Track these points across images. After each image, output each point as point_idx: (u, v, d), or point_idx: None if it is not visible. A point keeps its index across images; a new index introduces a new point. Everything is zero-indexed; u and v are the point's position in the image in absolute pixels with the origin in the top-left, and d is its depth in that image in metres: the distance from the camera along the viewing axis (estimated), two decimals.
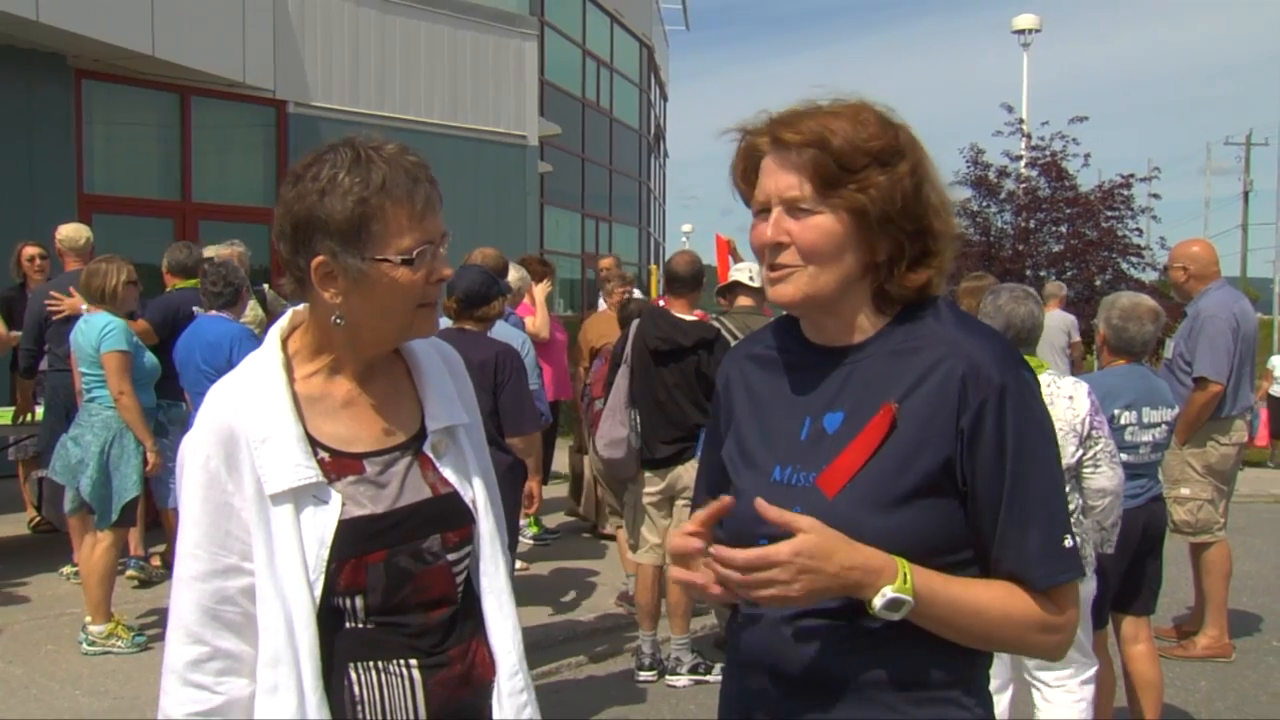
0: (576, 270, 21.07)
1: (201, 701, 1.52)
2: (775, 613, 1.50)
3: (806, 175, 1.46)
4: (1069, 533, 1.46)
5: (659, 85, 28.94)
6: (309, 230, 1.52)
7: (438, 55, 13.18)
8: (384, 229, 1.51)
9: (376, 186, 1.50)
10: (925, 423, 1.44)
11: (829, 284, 1.48)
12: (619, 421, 5.08)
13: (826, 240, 1.46)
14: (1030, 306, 3.58)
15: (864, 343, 1.53)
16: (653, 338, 5.01)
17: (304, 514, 1.52)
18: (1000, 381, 1.44)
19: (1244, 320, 5.46)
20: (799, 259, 1.48)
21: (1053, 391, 3.44)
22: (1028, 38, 19.70)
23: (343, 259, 1.51)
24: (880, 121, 1.48)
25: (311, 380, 1.61)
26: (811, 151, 1.45)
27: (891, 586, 1.36)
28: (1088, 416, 3.48)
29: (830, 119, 1.47)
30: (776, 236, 1.48)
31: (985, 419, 1.43)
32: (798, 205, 1.47)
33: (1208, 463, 5.41)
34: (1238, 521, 7.20)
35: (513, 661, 1.66)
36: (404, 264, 1.52)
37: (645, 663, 5.15)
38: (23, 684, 4.80)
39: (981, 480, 1.44)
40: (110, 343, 5.15)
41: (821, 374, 1.54)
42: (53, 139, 9.62)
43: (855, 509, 1.39)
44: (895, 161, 1.47)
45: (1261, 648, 5.77)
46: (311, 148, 1.57)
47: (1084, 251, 15.13)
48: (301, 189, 1.52)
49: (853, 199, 1.45)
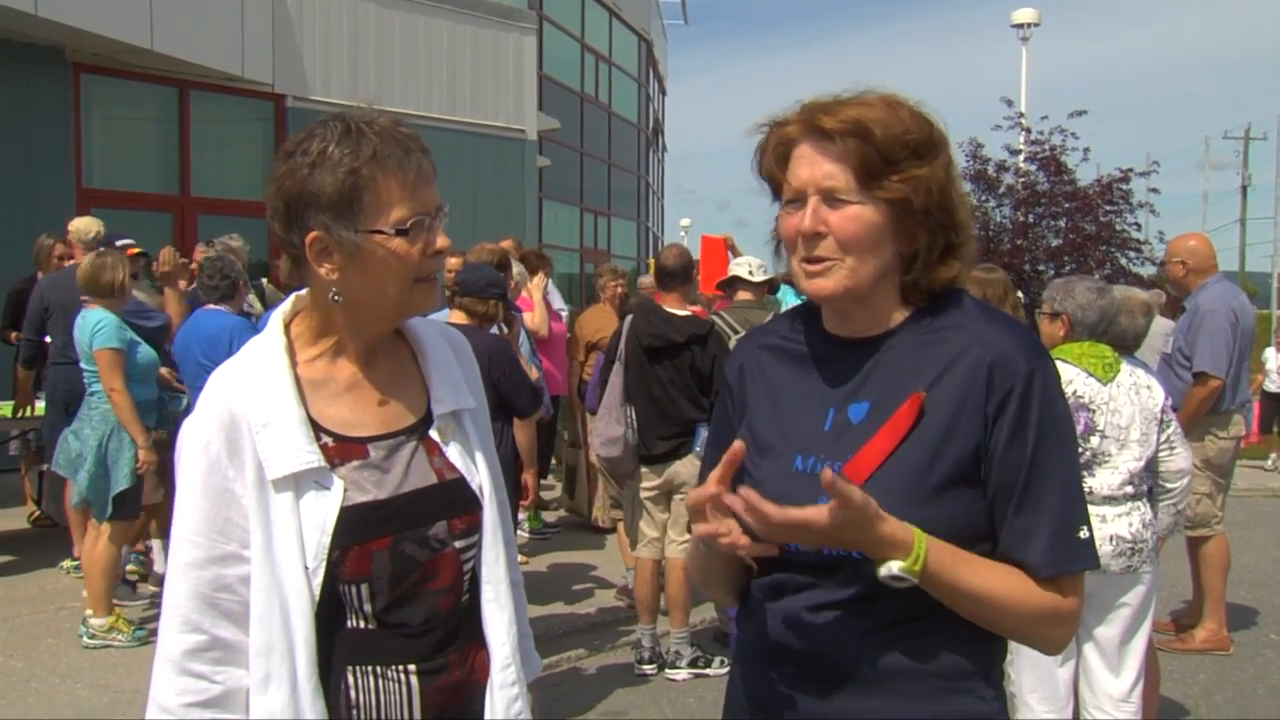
0: (575, 265, 21.06)
1: (199, 691, 1.48)
2: (794, 602, 1.50)
3: (849, 165, 1.44)
4: (1086, 524, 1.46)
5: (658, 80, 28.89)
6: (301, 206, 1.49)
7: (436, 49, 13.17)
8: (376, 200, 1.48)
9: (367, 157, 1.47)
10: (954, 411, 1.44)
11: (867, 277, 1.47)
12: (615, 419, 5.08)
13: (867, 232, 1.45)
14: (1113, 298, 3.67)
15: (889, 333, 1.52)
16: (645, 334, 5.01)
17: (305, 500, 1.49)
18: (1028, 369, 1.44)
19: (1243, 314, 5.47)
20: (837, 251, 1.46)
21: (1135, 380, 3.52)
22: (1027, 31, 19.66)
23: (336, 232, 1.48)
24: (914, 114, 1.48)
25: (314, 364, 1.58)
26: (854, 141, 1.43)
27: (900, 564, 1.37)
28: (1165, 403, 3.57)
29: (868, 108, 1.45)
30: (814, 226, 1.45)
31: (1011, 404, 1.43)
32: (836, 195, 1.45)
33: (1206, 457, 5.42)
34: (1235, 515, 7.22)
35: (505, 654, 1.63)
36: (399, 235, 1.49)
37: (645, 656, 5.16)
38: (23, 678, 4.80)
39: (1003, 465, 1.44)
40: (102, 340, 5.14)
41: (845, 365, 1.53)
42: (51, 133, 9.60)
43: (883, 497, 1.38)
44: (931, 155, 1.47)
45: (1259, 641, 5.78)
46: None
47: (1083, 246, 15.11)
48: (292, 164, 1.50)
49: (895, 190, 1.44)
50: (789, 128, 1.50)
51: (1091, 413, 3.44)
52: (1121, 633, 3.47)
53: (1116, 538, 3.39)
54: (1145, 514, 3.47)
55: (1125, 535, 3.40)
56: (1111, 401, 3.45)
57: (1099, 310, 3.58)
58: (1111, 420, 3.45)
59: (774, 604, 1.53)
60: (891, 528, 1.37)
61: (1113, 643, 3.47)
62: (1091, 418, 3.44)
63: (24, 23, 8.61)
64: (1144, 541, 3.42)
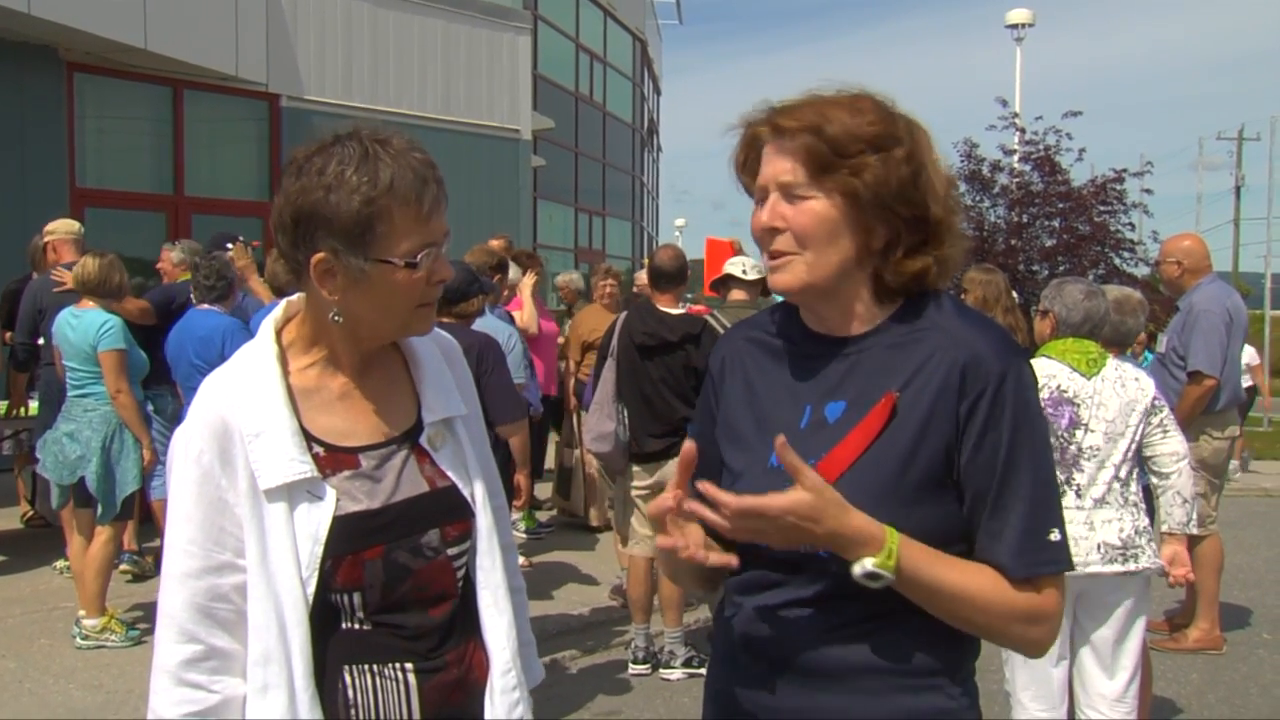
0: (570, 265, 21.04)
1: (197, 701, 1.48)
2: (763, 600, 1.51)
3: (800, 160, 1.47)
4: (1058, 526, 1.46)
5: (652, 79, 28.90)
6: (312, 225, 1.48)
7: (431, 49, 13.15)
8: (389, 230, 1.48)
9: (385, 187, 1.46)
10: (927, 411, 1.44)
11: (826, 271, 1.49)
12: (606, 415, 5.08)
13: (819, 224, 1.47)
14: (1103, 302, 3.66)
15: (867, 333, 1.53)
16: (639, 332, 5.01)
17: (298, 510, 1.49)
18: (1001, 370, 1.45)
19: (1236, 314, 5.48)
20: (794, 245, 1.49)
21: (1121, 374, 3.52)
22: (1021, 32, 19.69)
23: (345, 258, 1.48)
24: (878, 108, 1.50)
25: (307, 373, 1.58)
26: (806, 137, 1.47)
27: (873, 560, 1.37)
28: (1155, 394, 3.56)
29: (829, 107, 1.49)
30: (771, 220, 1.50)
31: (982, 405, 1.44)
32: (792, 190, 1.48)
33: (1200, 457, 5.42)
34: (1229, 515, 7.24)
35: (506, 659, 1.62)
36: (407, 266, 1.49)
37: (639, 656, 5.16)
38: (16, 678, 4.79)
39: (975, 466, 1.44)
40: (109, 341, 5.13)
41: (823, 363, 1.54)
42: (44, 133, 9.57)
43: (854, 495, 1.39)
44: (891, 146, 1.47)
45: (1252, 640, 5.79)
46: (307, 139, 1.53)
47: (1076, 246, 15.14)
48: (306, 182, 1.48)
49: (845, 182, 1.46)
50: (758, 129, 1.54)
51: (1076, 407, 3.46)
52: (1116, 633, 3.47)
53: (1105, 545, 3.38)
54: (1138, 520, 3.46)
55: (1114, 542, 3.39)
56: (1097, 395, 3.46)
57: (1084, 311, 3.59)
58: (1097, 414, 3.45)
59: (745, 600, 1.55)
60: (860, 521, 1.38)
61: (1107, 643, 3.47)
62: (1076, 412, 3.45)
63: (17, 21, 8.58)
64: (1136, 547, 3.41)
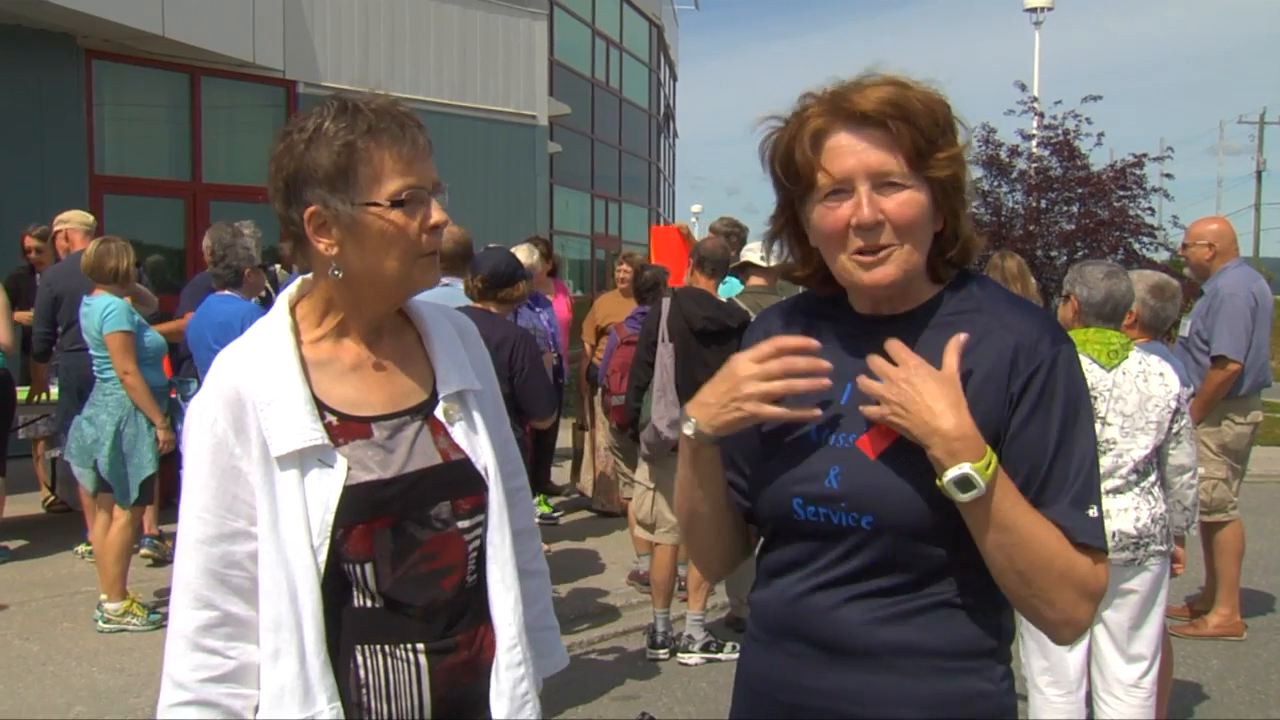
0: (586, 251, 21.04)
1: (213, 666, 1.49)
2: (804, 582, 1.50)
3: (900, 148, 1.42)
4: (1097, 504, 1.45)
5: (669, 65, 28.81)
6: (299, 182, 1.52)
7: (447, 35, 13.14)
8: (371, 172, 1.50)
9: (362, 130, 1.49)
10: (976, 388, 1.43)
11: (919, 261, 1.47)
12: (670, 401, 5.03)
13: (921, 214, 1.44)
14: (1124, 282, 3.57)
15: (913, 311, 1.52)
16: (699, 318, 4.97)
17: (309, 477, 1.50)
18: (1053, 352, 1.44)
19: (1262, 299, 5.43)
20: (894, 237, 1.44)
21: (1144, 368, 3.44)
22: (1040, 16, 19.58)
23: (333, 206, 1.50)
24: (927, 95, 1.46)
25: (319, 344, 1.60)
26: (899, 124, 1.41)
27: (972, 464, 1.35)
28: (1181, 393, 3.48)
29: (895, 90, 1.43)
30: (874, 216, 1.42)
31: (1035, 384, 1.43)
32: (889, 180, 1.42)
33: (1223, 442, 5.39)
34: (1250, 501, 7.19)
35: (512, 635, 1.62)
36: (394, 207, 1.51)
37: (657, 640, 5.16)
38: (40, 661, 4.84)
39: (1026, 444, 1.43)
40: (112, 323, 5.17)
41: (867, 341, 1.50)
42: (63, 120, 9.61)
43: (899, 469, 1.37)
44: (954, 131, 1.47)
45: (1273, 626, 5.76)
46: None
47: (1095, 231, 15.02)
48: (289, 142, 1.52)
49: (941, 171, 1.44)
50: (816, 120, 1.45)
51: (1093, 399, 3.41)
52: (1131, 618, 3.45)
53: (1120, 533, 3.35)
54: (1154, 508, 3.42)
55: (1130, 531, 3.36)
56: (1116, 388, 3.40)
57: (1105, 290, 3.49)
58: (1115, 407, 3.39)
59: (780, 580, 1.54)
60: (966, 421, 1.37)
61: (1121, 628, 3.45)
62: (1093, 404, 3.41)
63: (35, 9, 8.62)
64: (1150, 536, 3.37)
